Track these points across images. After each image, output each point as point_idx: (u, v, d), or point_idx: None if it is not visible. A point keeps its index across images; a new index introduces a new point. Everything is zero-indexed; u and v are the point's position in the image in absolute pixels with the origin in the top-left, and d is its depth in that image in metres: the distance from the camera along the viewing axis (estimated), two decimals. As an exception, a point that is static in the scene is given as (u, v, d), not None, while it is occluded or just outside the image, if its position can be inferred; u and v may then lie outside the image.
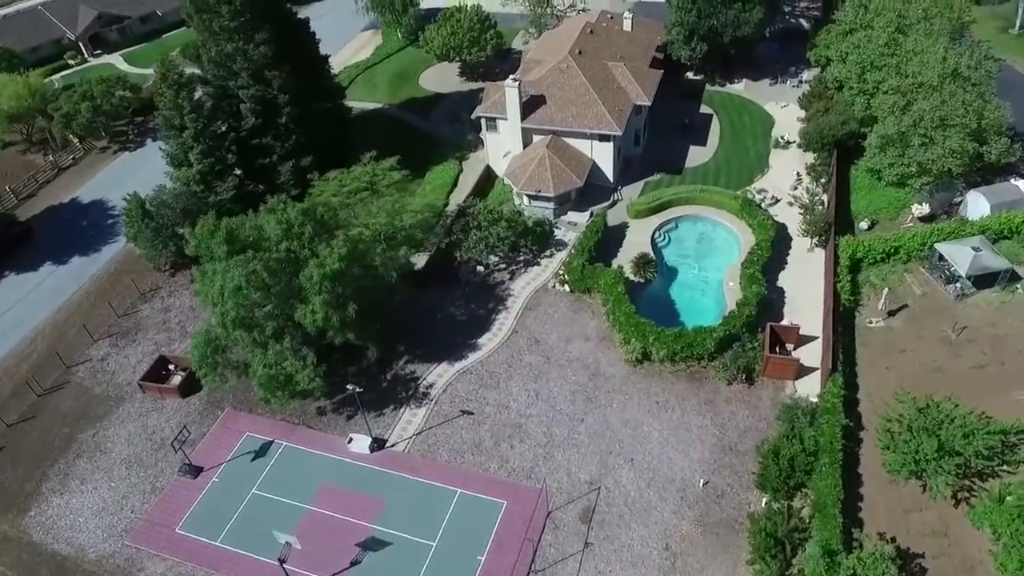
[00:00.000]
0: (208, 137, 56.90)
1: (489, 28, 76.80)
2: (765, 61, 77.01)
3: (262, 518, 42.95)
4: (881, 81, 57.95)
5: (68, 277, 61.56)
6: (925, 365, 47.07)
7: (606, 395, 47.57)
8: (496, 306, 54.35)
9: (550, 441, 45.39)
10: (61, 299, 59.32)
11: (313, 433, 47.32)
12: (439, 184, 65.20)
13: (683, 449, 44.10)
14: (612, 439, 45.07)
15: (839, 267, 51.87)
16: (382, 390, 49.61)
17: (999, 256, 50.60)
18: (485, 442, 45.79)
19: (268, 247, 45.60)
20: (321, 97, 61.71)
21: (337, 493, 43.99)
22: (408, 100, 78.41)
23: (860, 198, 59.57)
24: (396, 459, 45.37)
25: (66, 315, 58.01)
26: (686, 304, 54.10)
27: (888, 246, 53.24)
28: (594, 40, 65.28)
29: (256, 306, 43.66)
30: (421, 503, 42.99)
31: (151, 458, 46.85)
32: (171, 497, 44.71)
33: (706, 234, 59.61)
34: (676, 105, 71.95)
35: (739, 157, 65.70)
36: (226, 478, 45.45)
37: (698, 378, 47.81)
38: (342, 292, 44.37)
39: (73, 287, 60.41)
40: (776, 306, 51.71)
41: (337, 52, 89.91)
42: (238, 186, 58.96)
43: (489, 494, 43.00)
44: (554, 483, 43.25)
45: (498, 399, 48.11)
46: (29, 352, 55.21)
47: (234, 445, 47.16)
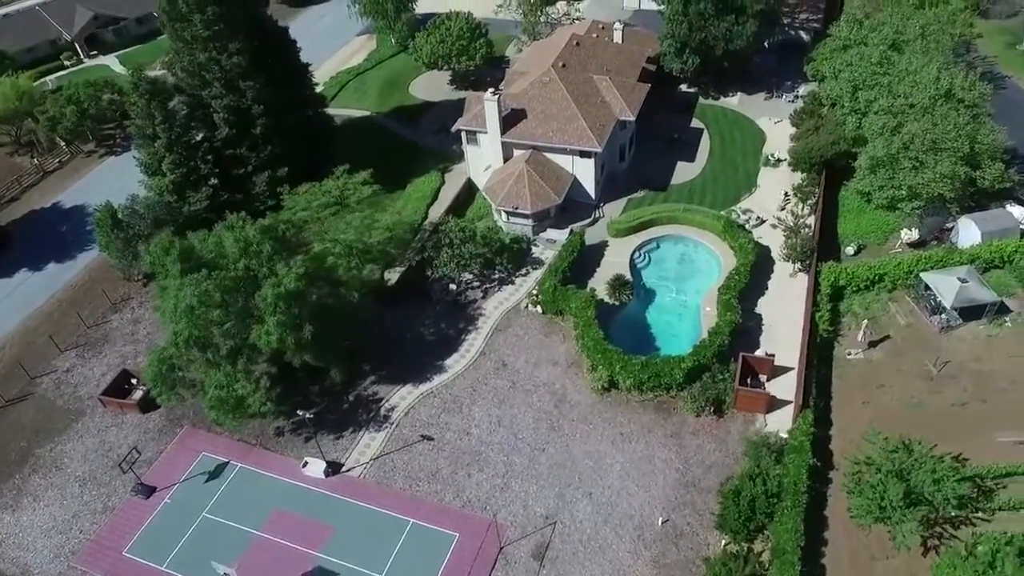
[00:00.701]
0: (181, 147, 56.13)
1: (479, 36, 75.44)
2: (762, 74, 75.03)
3: (210, 543, 42.08)
4: (873, 100, 55.96)
5: (42, 284, 61.07)
6: (903, 401, 45.25)
7: (570, 424, 46.17)
8: (466, 326, 53.08)
9: (509, 471, 44.08)
10: (33, 307, 58.82)
11: (269, 455, 46.37)
12: (419, 197, 63.99)
13: (644, 484, 42.62)
14: (572, 471, 43.68)
15: (819, 295, 50.06)
16: (344, 411, 48.55)
17: (986, 288, 48.55)
18: (443, 470, 44.57)
19: (226, 265, 44.64)
20: (299, 107, 60.68)
21: (288, 519, 42.99)
22: (397, 108, 77.27)
23: (848, 221, 57.62)
24: (350, 485, 44.29)
25: (36, 323, 57.51)
26: (662, 329, 52.52)
27: (872, 273, 51.34)
28: (580, 52, 63.73)
29: (213, 325, 42.72)
30: (372, 532, 41.88)
31: (105, 476, 46.13)
32: (122, 518, 43.94)
33: (687, 255, 57.93)
34: (667, 118, 70.20)
35: (727, 174, 63.89)
36: (178, 499, 44.62)
37: (666, 408, 46.27)
38: (299, 313, 43.28)
39: (46, 295, 59.91)
40: (753, 334, 49.98)
41: (332, 56, 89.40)
42: (212, 196, 58.11)
43: (442, 526, 41.80)
44: (509, 516, 41.97)
45: (460, 425, 46.87)
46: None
47: (190, 465, 46.33)
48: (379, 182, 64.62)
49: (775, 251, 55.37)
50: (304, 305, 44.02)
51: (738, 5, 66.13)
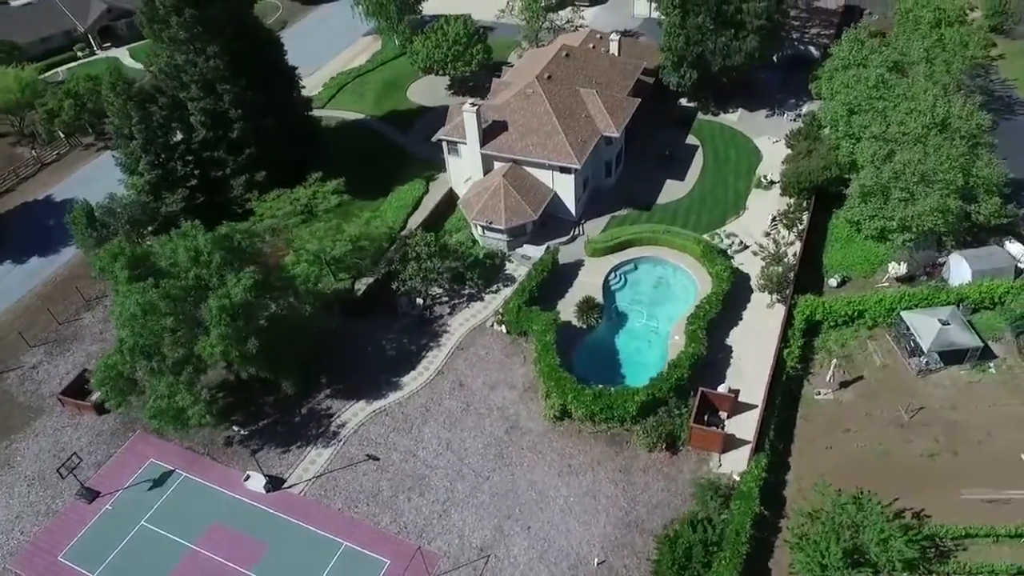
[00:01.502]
0: (158, 147, 56.11)
1: (477, 42, 74.20)
2: (766, 90, 72.56)
3: (144, 554, 41.85)
4: (866, 126, 53.35)
5: (22, 277, 61.69)
6: (869, 448, 43.06)
7: (519, 452, 44.85)
8: (428, 342, 52.04)
9: (450, 498, 42.96)
10: (11, 300, 59.40)
11: (214, 466, 45.93)
12: (400, 205, 63.11)
13: (586, 521, 41.13)
14: (514, 502, 42.39)
15: (791, 329, 47.89)
16: (295, 424, 47.92)
17: (969, 332, 45.90)
18: (384, 492, 43.65)
19: (177, 273, 44.24)
20: (281, 111, 60.05)
21: (224, 533, 42.50)
22: (392, 112, 76.49)
23: (835, 251, 55.16)
24: (290, 502, 43.62)
25: (12, 317, 58.05)
26: (630, 355, 50.82)
27: (852, 309, 48.99)
28: (569, 64, 62.08)
29: (165, 332, 42.36)
30: (304, 553, 41.16)
31: (53, 477, 46.00)
32: (63, 521, 43.93)
33: (665, 279, 56.05)
34: (662, 133, 68.23)
35: (716, 195, 61.74)
36: (120, 506, 44.45)
37: (619, 441, 44.66)
38: (245, 325, 42.68)
39: (24, 288, 60.48)
40: (720, 367, 48.05)
41: (337, 56, 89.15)
42: (189, 198, 58.00)
43: (374, 550, 40.89)
44: (444, 545, 40.88)
45: (407, 446, 45.89)
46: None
47: (136, 470, 46.15)
48: (363, 188, 64.74)
49: (755, 279, 53.22)
50: (252, 317, 43.44)
51: (737, 20, 63.82)
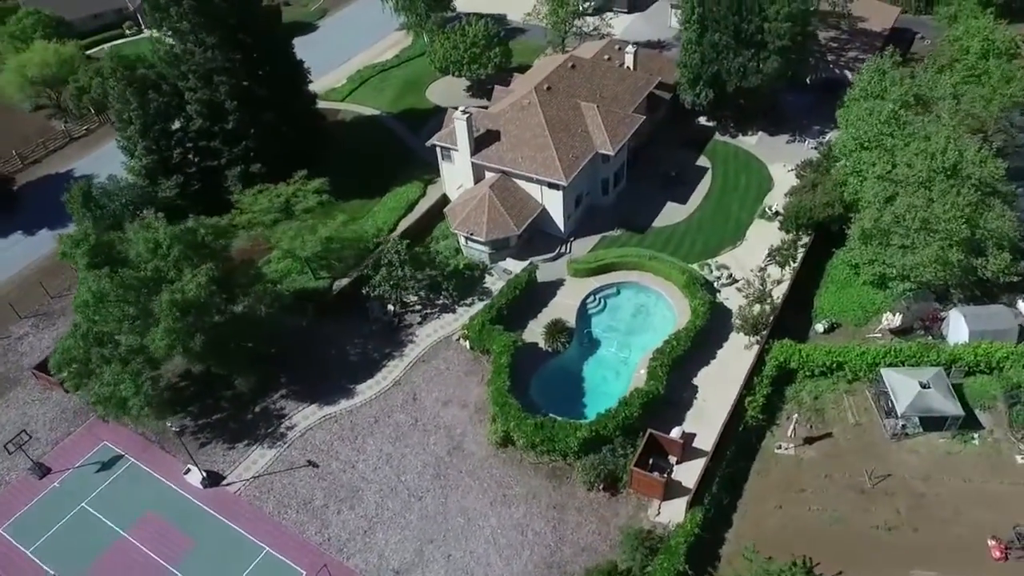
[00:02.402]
0: (155, 133, 57.06)
1: (495, 45, 72.86)
2: (792, 113, 68.90)
3: (77, 537, 42.67)
4: (873, 163, 49.84)
5: (28, 249, 63.83)
6: (821, 513, 40.29)
7: (457, 475, 43.79)
8: (392, 351, 51.40)
9: (379, 515, 42.29)
10: (11, 271, 61.52)
11: (162, 455, 46.46)
12: (393, 207, 62.65)
13: (508, 556, 39.82)
14: (441, 527, 41.40)
15: (759, 376, 45.20)
16: (246, 421, 48.06)
17: (951, 398, 42.32)
18: (316, 500, 43.30)
19: (138, 264, 44.78)
20: (283, 106, 60.17)
21: (156, 525, 42.96)
22: (407, 111, 75.94)
23: (829, 294, 51.83)
24: (224, 500, 43.75)
25: (10, 287, 60.18)
26: (594, 385, 49.00)
27: (830, 360, 45.85)
28: (573, 76, 60.12)
29: (115, 320, 42.99)
30: (227, 554, 41.21)
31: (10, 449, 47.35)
32: (11, 494, 45.23)
33: (645, 307, 53.82)
34: (672, 153, 65.65)
35: (716, 222, 58.92)
36: (66, 485, 45.47)
37: (559, 476, 43.08)
38: (195, 320, 42.87)
39: (27, 260, 62.57)
40: (680, 408, 45.80)
41: (366, 49, 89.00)
42: (183, 185, 58.90)
43: (293, 560, 40.62)
44: (362, 563, 40.27)
45: (349, 456, 45.41)
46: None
47: (88, 452, 47.11)
48: (362, 186, 64.74)
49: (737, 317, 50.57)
50: (205, 313, 43.61)
51: (758, 40, 60.59)
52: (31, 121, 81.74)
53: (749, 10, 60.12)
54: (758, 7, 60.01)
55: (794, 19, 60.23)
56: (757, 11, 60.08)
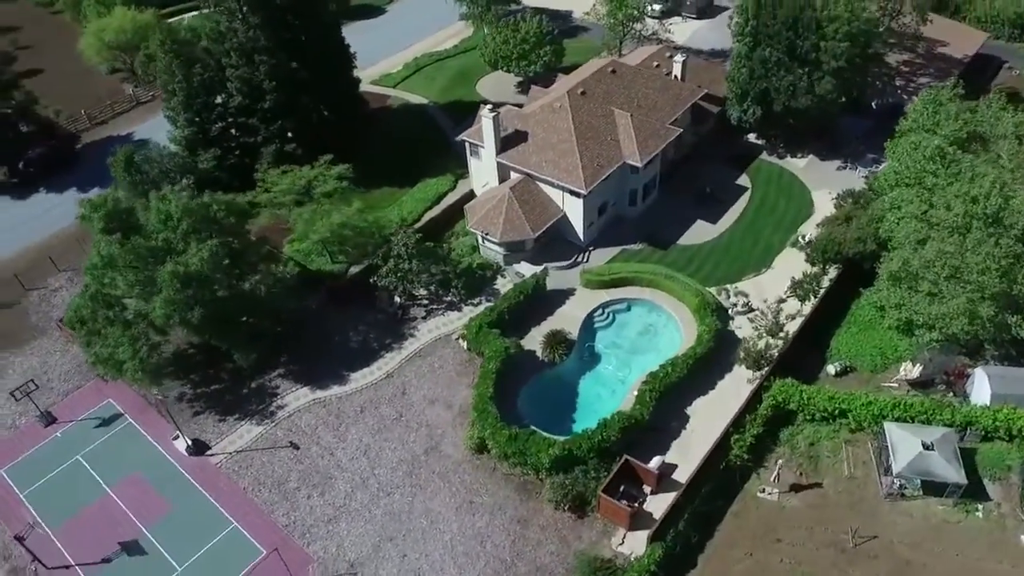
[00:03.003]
0: (197, 106, 58.88)
1: (547, 43, 71.71)
2: (849, 138, 65.21)
3: (67, 487, 44.70)
4: (909, 201, 46.58)
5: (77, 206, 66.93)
6: (793, 567, 38.26)
7: (428, 475, 43.65)
8: (392, 343, 51.62)
9: (346, 505, 42.62)
10: (57, 227, 64.58)
11: (157, 419, 48.05)
12: (421, 198, 62.78)
13: (463, 564, 39.44)
14: (403, 526, 41.38)
15: (752, 414, 43.09)
16: (240, 395, 49.21)
17: (955, 464, 39.23)
18: (290, 482, 44.00)
19: (150, 234, 46.32)
20: (324, 89, 60.90)
21: (139, 486, 44.58)
22: (455, 102, 75.72)
23: (849, 335, 48.96)
24: (204, 470, 45.00)
25: (55, 242, 63.32)
26: (587, 402, 47.93)
27: (833, 406, 43.27)
28: (612, 81, 58.44)
29: (128, 286, 44.67)
30: (197, 523, 42.38)
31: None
32: (18, 438, 47.77)
33: (654, 327, 52.16)
34: (713, 168, 63.25)
35: (745, 246, 56.46)
36: (67, 436, 47.68)
37: (529, 490, 42.35)
38: (195, 293, 44.09)
39: (73, 217, 65.19)
40: (668, 436, 44.29)
41: (427, 37, 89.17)
42: (220, 158, 60.69)
43: (256, 538, 41.43)
44: (321, 550, 40.70)
45: (329, 442, 45.91)
46: (9, 266, 60.95)
47: (93, 407, 49.21)
48: (396, 175, 65.16)
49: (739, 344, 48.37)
50: (206, 287, 44.78)
51: (812, 58, 57.47)
52: (106, 83, 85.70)
53: (806, 27, 57.09)
54: (816, 24, 56.90)
55: (854, 39, 56.91)
56: (814, 28, 56.97)
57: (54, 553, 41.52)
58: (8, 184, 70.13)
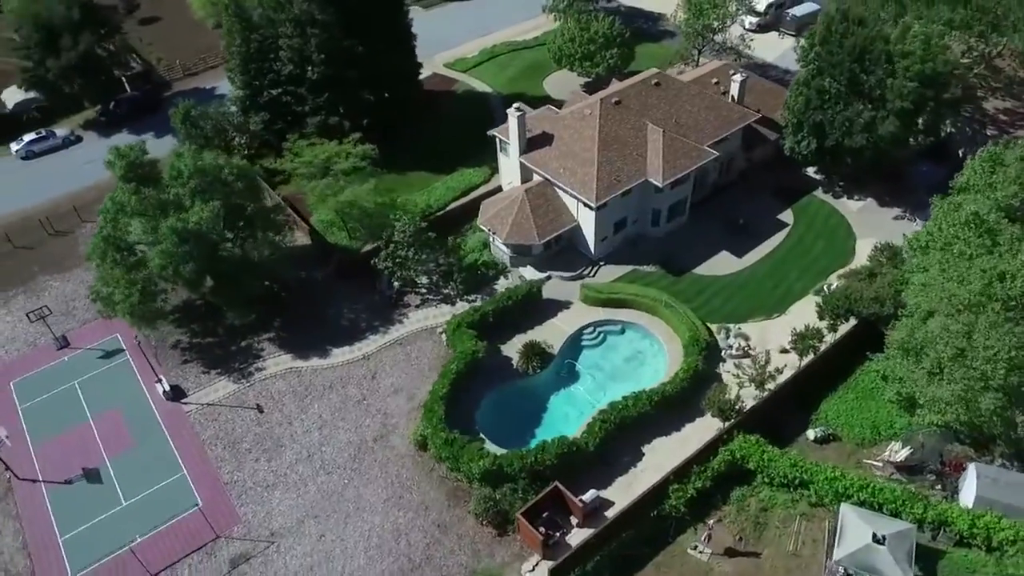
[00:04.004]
0: (252, 71, 61.55)
1: (615, 45, 69.49)
2: (919, 186, 59.35)
3: (57, 409, 48.48)
4: (928, 268, 41.94)
5: (153, 147, 71.17)
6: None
7: (370, 462, 44.13)
8: (379, 326, 52.32)
9: (287, 475, 43.84)
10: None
11: (152, 361, 51.05)
12: (452, 187, 62.98)
13: (373, 556, 39.72)
14: (331, 506, 42.11)
15: (702, 466, 40.52)
16: (229, 352, 51.48)
17: (904, 566, 35.31)
18: (244, 443, 45.73)
19: (164, 187, 48.99)
20: (373, 67, 61.94)
21: (115, 420, 47.69)
22: (517, 95, 74.16)
23: (844, 401, 44.98)
24: (174, 416, 47.52)
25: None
26: (552, 419, 46.70)
27: (795, 473, 39.98)
28: (653, 94, 55.80)
29: (142, 232, 47.71)
30: (152, 465, 44.90)
31: (55, 319, 54.44)
32: (33, 356, 52.25)
33: (642, 355, 49.99)
34: (756, 198, 59.45)
35: (764, 286, 52.86)
36: (73, 361, 51.65)
37: (458, 497, 41.95)
38: (191, 249, 46.38)
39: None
40: (615, 471, 42.51)
41: (512, 25, 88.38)
42: (268, 123, 63.35)
43: (198, 490, 43.42)
44: (250, 513, 42.14)
45: (291, 411, 47.28)
46: (77, 198, 66.22)
47: (101, 339, 52.96)
48: (437, 160, 65.60)
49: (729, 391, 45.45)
50: (203, 245, 47.01)
51: (876, 95, 52.62)
52: (210, 37, 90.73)
53: (874, 60, 52.25)
54: (886, 57, 51.96)
55: (927, 82, 51.51)
56: (883, 62, 52.05)
57: (28, 466, 45.33)
58: (97, 121, 76.19)
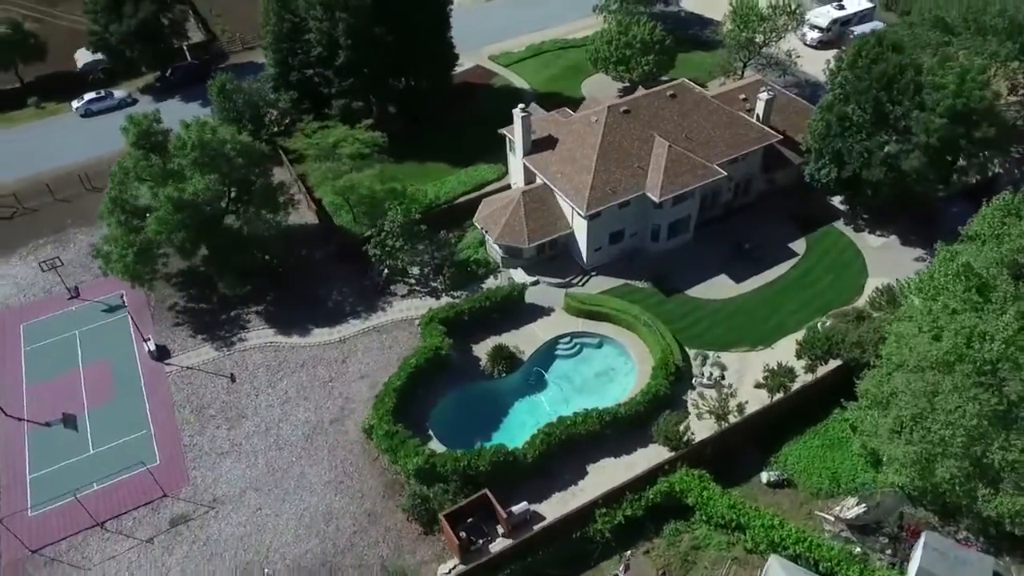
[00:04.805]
0: (283, 49, 63.41)
1: (653, 52, 67.66)
2: (950, 225, 55.19)
3: (54, 356, 51.62)
4: (909, 318, 39.18)
5: (191, 111, 74.41)
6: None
7: (320, 444, 45.05)
8: (361, 311, 53.19)
9: (241, 445, 45.32)
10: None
11: (145, 319, 53.62)
12: (465, 180, 63.21)
13: (300, 535, 40.67)
14: (273, 481, 43.30)
15: (637, 494, 39.37)
16: (218, 320, 53.47)
17: (821, 629, 33.39)
18: (209, 409, 47.49)
19: (168, 156, 51.11)
20: (404, 56, 62.64)
21: (102, 371, 50.40)
22: (553, 94, 73.95)
23: (808, 446, 42.73)
24: (155, 374, 49.81)
25: (161, 143, 71.65)
26: (511, 424, 46.47)
27: (732, 515, 38.34)
28: (666, 105, 54.01)
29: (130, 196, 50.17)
30: (125, 419, 47.25)
31: (77, 269, 57.80)
32: (46, 302, 55.75)
33: (614, 371, 48.96)
34: (774, 224, 56.87)
35: (756, 316, 50.65)
36: (79, 312, 54.80)
37: (395, 490, 42.33)
38: (184, 218, 48.36)
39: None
40: (555, 486, 41.91)
41: (566, 23, 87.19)
42: (296, 101, 65.19)
43: (159, 448, 45.43)
44: (199, 477, 43.82)
45: (261, 384, 48.74)
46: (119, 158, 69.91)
47: (107, 293, 55.88)
48: (454, 153, 65.85)
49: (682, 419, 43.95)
50: (196, 216, 48.95)
51: (901, 125, 49.36)
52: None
53: (902, 89, 48.98)
54: (913, 88, 48.65)
55: (958, 118, 47.90)
56: (911, 92, 48.75)
57: (18, 405, 48.59)
58: (154, 87, 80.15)
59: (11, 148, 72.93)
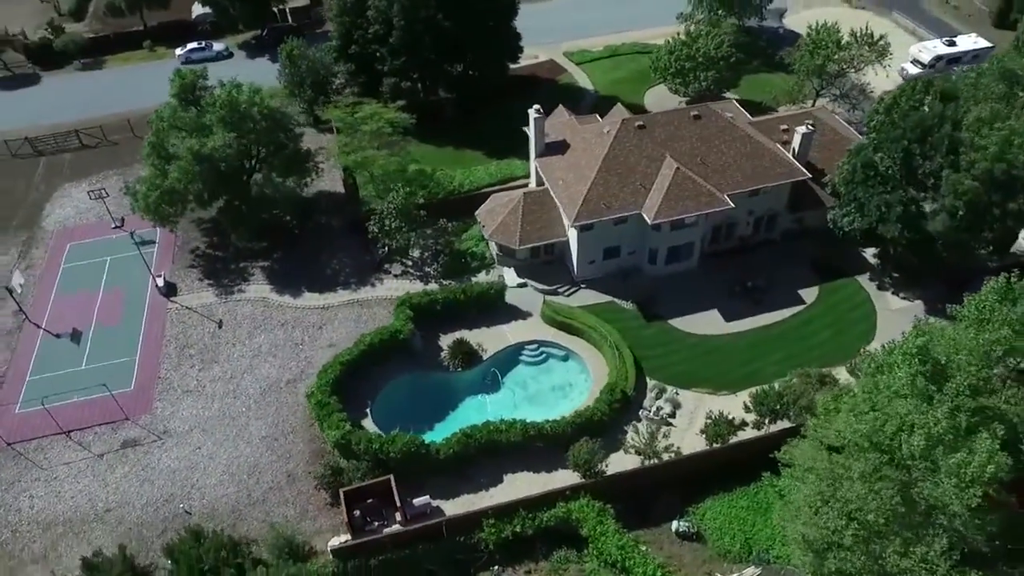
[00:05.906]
0: (344, 24, 66.07)
1: (714, 68, 64.64)
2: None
3: (84, 274, 57.36)
4: (853, 394, 35.90)
5: (250, 74, 78.51)
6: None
7: (272, 400, 47.50)
8: (353, 284, 55.19)
9: (206, 389, 48.53)
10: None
11: (167, 256, 58.33)
12: (492, 172, 63.64)
13: (223, 481, 43.37)
14: (219, 425, 46.18)
15: (531, 512, 38.91)
16: (228, 269, 57.26)
17: None
18: (190, 349, 51.20)
19: (201, 111, 54.95)
20: (462, 43, 63.62)
21: (116, 297, 55.49)
22: (612, 99, 71.72)
23: (732, 503, 40.48)
24: (157, 308, 54.26)
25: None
26: (454, 419, 46.86)
27: (619, 556, 37.19)
28: (686, 126, 51.55)
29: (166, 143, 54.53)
30: (120, 343, 51.94)
31: (120, 202, 63.45)
32: (93, 227, 61.92)
33: (572, 388, 48.20)
34: (790, 267, 53.38)
35: (733, 359, 48.02)
36: (117, 240, 60.29)
37: (320, 457, 43.97)
38: (201, 171, 52.12)
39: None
40: (466, 488, 42.10)
41: (655, 27, 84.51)
42: (352, 74, 67.89)
43: (138, 377, 49.56)
44: (159, 409, 47.53)
45: (242, 336, 51.85)
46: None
47: (146, 228, 60.88)
48: (493, 144, 66.34)
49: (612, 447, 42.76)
50: (215, 169, 52.60)
51: (930, 183, 44.89)
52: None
53: (935, 144, 44.46)
54: (947, 144, 44.03)
55: (995, 184, 42.98)
56: (945, 149, 44.16)
57: (41, 314, 54.51)
58: (249, 43, 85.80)
59: (115, 85, 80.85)
